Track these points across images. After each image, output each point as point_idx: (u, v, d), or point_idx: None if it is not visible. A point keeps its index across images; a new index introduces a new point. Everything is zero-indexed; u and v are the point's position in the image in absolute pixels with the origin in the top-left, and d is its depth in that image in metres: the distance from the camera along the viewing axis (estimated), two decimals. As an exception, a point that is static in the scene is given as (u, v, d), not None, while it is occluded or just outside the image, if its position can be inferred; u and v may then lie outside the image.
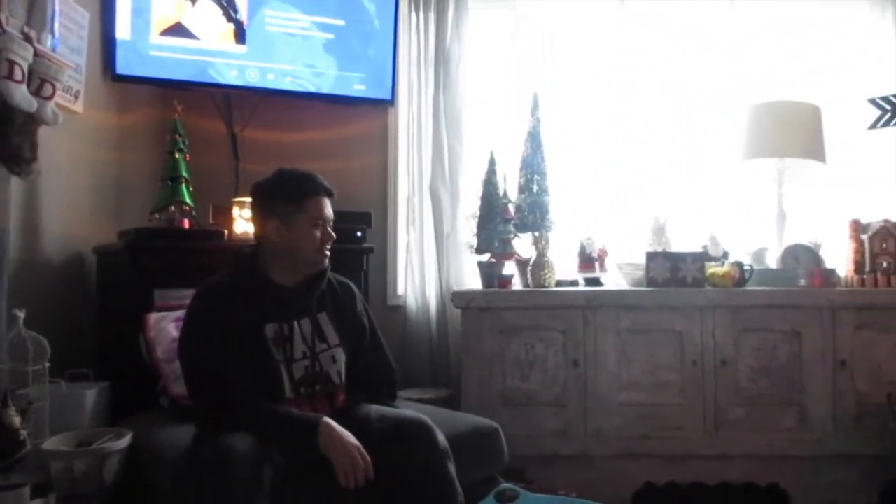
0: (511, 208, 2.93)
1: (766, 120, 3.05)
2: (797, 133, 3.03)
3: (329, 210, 1.92)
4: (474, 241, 3.02)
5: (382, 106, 3.34)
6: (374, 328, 2.09)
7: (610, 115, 3.38)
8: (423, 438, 1.76)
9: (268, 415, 1.72)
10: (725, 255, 2.94)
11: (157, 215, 2.65)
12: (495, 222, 2.93)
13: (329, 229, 1.91)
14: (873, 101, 3.13)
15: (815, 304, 2.66)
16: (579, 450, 2.65)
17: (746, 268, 2.81)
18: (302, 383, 1.85)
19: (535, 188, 2.99)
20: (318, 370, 1.88)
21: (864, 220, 2.91)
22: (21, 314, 1.93)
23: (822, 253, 2.96)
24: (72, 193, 2.64)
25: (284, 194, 1.87)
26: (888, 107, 3.12)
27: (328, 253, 1.93)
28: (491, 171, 3.03)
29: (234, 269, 1.92)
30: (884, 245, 2.81)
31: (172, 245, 2.57)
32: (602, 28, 3.39)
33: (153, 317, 2.33)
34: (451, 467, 1.77)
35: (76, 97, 2.55)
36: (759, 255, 3.02)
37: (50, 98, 2.08)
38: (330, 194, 1.92)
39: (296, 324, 1.88)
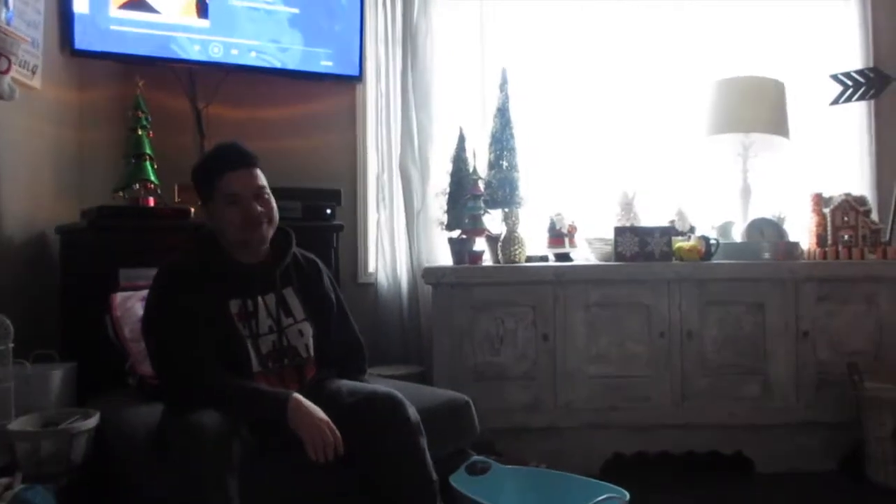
0: (481, 185, 2.92)
1: (732, 96, 3.08)
2: (762, 108, 3.07)
3: (251, 182, 1.80)
4: (444, 218, 3.02)
5: (350, 82, 3.30)
6: (342, 303, 2.08)
7: (579, 92, 3.39)
8: (394, 413, 1.77)
9: (236, 392, 1.70)
10: (692, 230, 2.99)
11: (121, 193, 2.60)
12: (465, 199, 2.93)
13: (255, 203, 1.80)
14: (835, 77, 3.19)
15: (778, 277, 2.71)
16: (549, 422, 2.69)
17: (712, 242, 2.85)
18: (270, 357, 1.84)
19: (505, 164, 2.98)
20: (285, 344, 1.87)
21: (826, 194, 2.97)
22: (-18, 294, 1.89)
23: (786, 226, 3.02)
24: (32, 172, 2.59)
25: (200, 176, 1.83)
26: (850, 83, 3.19)
27: (263, 225, 1.82)
28: (460, 148, 3.03)
29: (194, 247, 1.89)
30: (845, 218, 2.87)
31: (137, 224, 2.53)
32: (570, 5, 3.39)
33: (119, 296, 2.29)
34: (423, 441, 1.78)
35: (33, 72, 2.49)
36: (724, 228, 3.07)
37: (5, 73, 2.01)
38: (247, 164, 1.81)
39: (260, 299, 1.86)
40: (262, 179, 1.85)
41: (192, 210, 2.70)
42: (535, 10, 3.39)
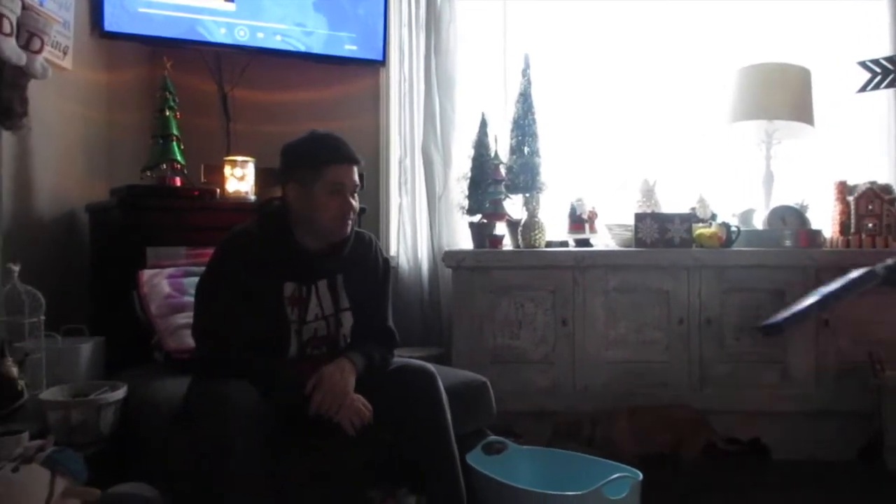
0: (502, 170, 2.94)
1: (756, 82, 3.06)
2: (786, 95, 3.05)
3: (352, 178, 1.83)
4: (466, 203, 3.04)
5: (373, 67, 3.32)
6: (386, 286, 2.02)
7: (601, 78, 3.39)
8: (426, 385, 1.82)
9: (266, 374, 1.73)
10: (713, 217, 2.98)
11: (148, 173, 2.66)
12: (486, 183, 2.95)
13: (350, 198, 1.83)
14: (863, 64, 3.13)
15: (799, 264, 2.70)
16: (567, 405, 2.69)
17: (733, 229, 2.85)
18: (309, 345, 1.86)
19: (527, 150, 3.00)
20: (325, 334, 1.88)
21: (850, 182, 2.94)
22: (16, 268, 1.95)
23: (809, 214, 3.00)
24: (63, 151, 2.64)
25: (306, 158, 1.82)
26: (878, 70, 3.13)
27: (350, 222, 1.86)
28: (482, 133, 3.04)
29: (262, 221, 1.88)
30: (869, 207, 2.85)
31: (165, 203, 2.58)
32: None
33: (146, 273, 2.35)
34: (449, 416, 1.83)
35: (65, 53, 2.54)
36: (746, 216, 3.06)
37: (39, 52, 2.07)
38: (354, 161, 1.84)
39: (314, 286, 1.86)
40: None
41: (218, 191, 2.76)
42: (558, -3, 3.39)
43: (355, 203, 1.86)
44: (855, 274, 1.91)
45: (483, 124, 3.05)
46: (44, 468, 1.30)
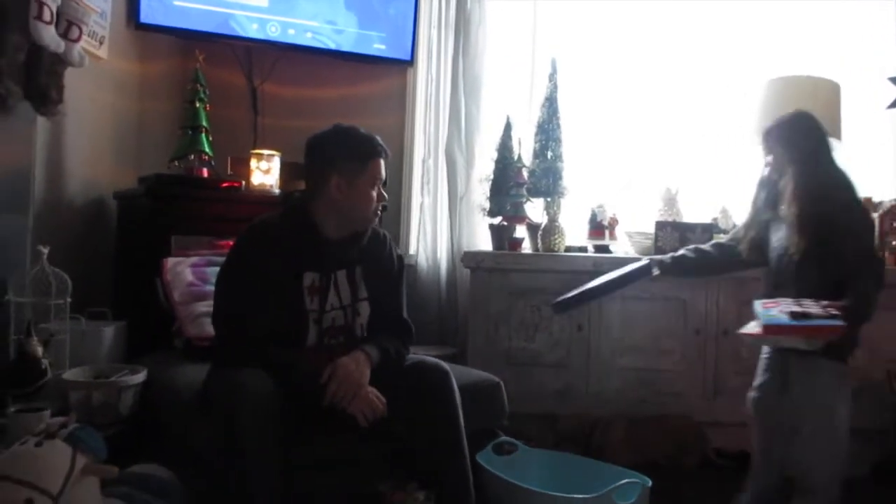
0: (525, 173, 2.96)
1: (784, 95, 3.02)
2: (814, 109, 2.98)
3: (384, 171, 1.95)
4: (487, 204, 3.05)
5: (401, 66, 3.35)
6: (401, 280, 2.07)
7: (627, 86, 3.39)
8: (440, 383, 1.85)
9: (283, 363, 1.75)
10: (735, 228, 2.96)
11: (176, 163, 2.70)
12: (508, 186, 2.96)
13: (383, 191, 1.94)
14: (894, 80, 3.12)
15: (819, 280, 2.68)
16: (579, 410, 2.71)
17: (754, 241, 2.83)
18: (327, 334, 1.89)
19: (550, 154, 3.00)
20: (343, 323, 1.92)
21: (875, 199, 2.91)
22: (45, 250, 2.00)
23: (833, 230, 2.97)
24: (94, 138, 2.70)
25: (349, 153, 1.87)
26: (908, 86, 3.11)
27: (379, 213, 1.97)
28: (506, 136, 3.05)
29: (285, 212, 1.93)
30: (894, 224, 2.82)
31: (191, 193, 2.63)
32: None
33: (170, 261, 2.39)
34: (461, 414, 1.85)
35: (101, 43, 2.59)
36: (768, 229, 3.04)
37: (76, 40, 2.11)
38: (387, 155, 1.95)
39: (333, 276, 1.90)
40: None
41: (243, 183, 2.80)
42: (586, 4, 3.39)
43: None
44: (633, 266, 2.37)
45: (507, 127, 3.06)
46: (66, 444, 1.33)
